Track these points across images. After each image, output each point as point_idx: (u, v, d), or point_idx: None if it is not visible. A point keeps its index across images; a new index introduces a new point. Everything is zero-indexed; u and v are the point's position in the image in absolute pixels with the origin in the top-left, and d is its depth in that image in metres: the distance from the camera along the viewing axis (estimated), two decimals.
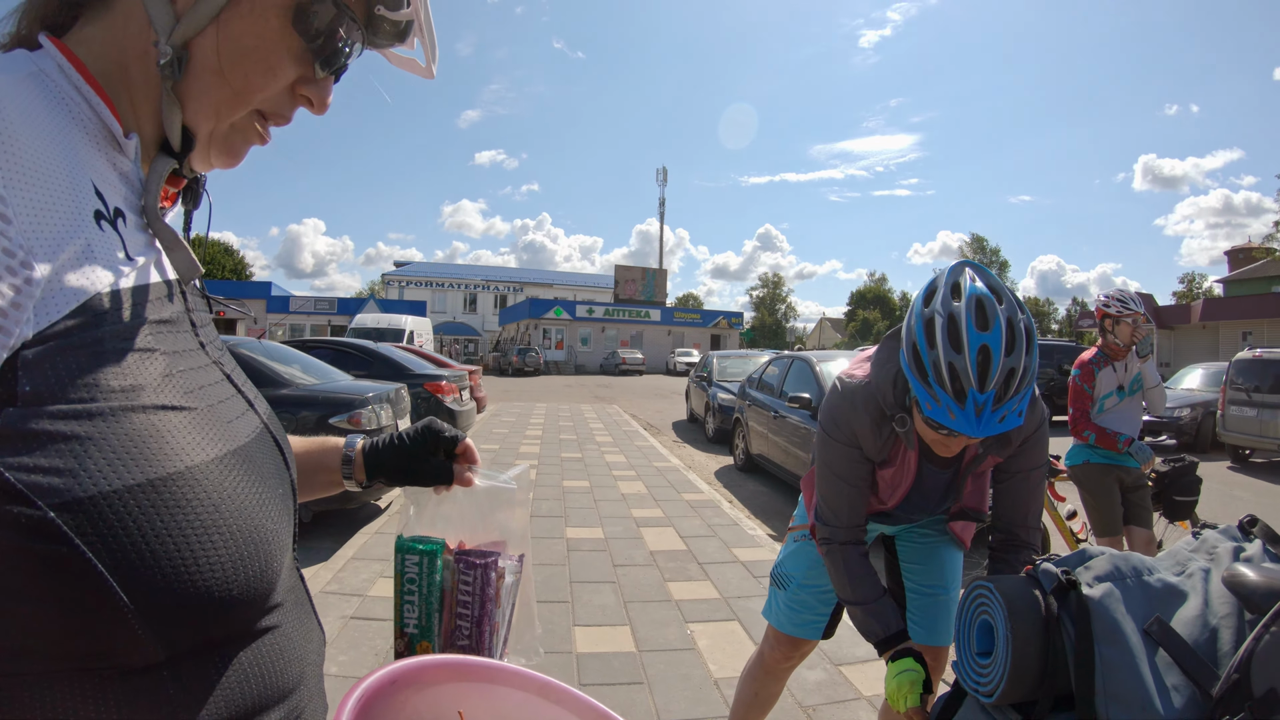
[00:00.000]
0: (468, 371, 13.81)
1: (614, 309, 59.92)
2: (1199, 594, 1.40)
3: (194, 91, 0.79)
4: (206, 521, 0.68)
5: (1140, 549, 4.84)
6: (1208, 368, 18.33)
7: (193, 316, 0.86)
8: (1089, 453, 4.99)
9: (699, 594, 5.44)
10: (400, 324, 27.90)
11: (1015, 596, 1.39)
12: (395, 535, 1.27)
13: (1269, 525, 1.58)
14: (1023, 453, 2.22)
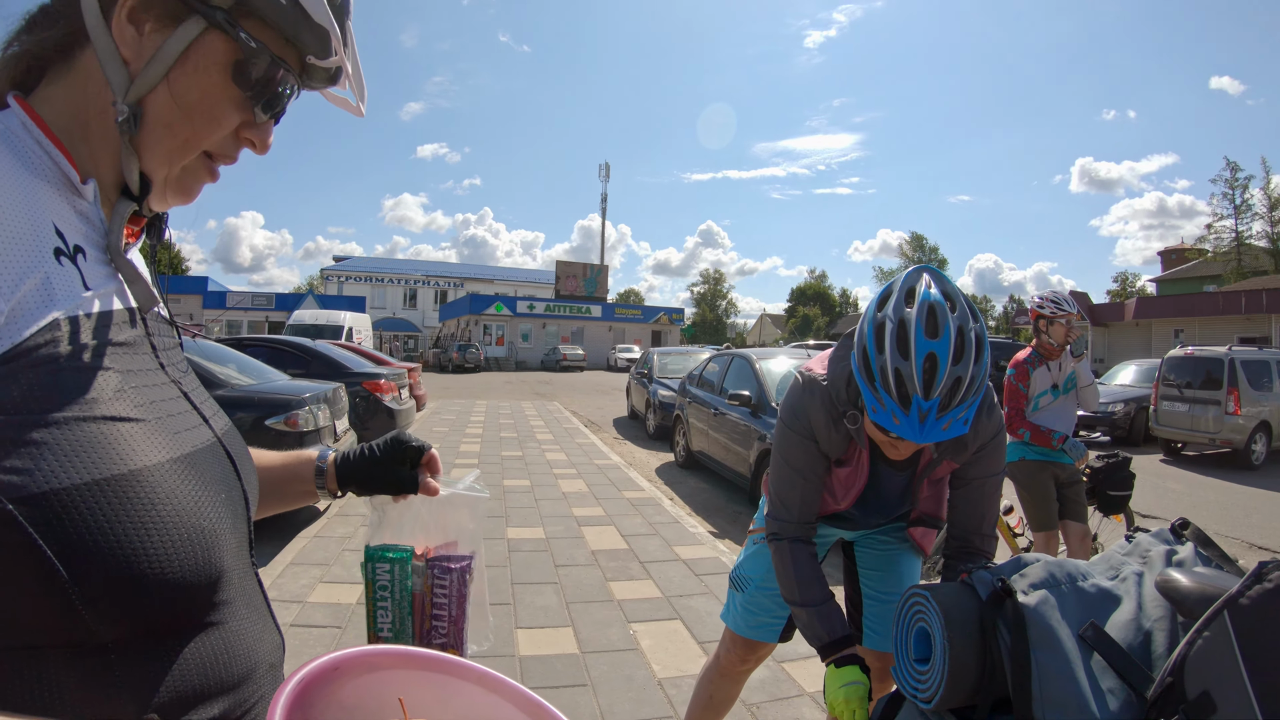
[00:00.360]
0: (407, 369, 13.59)
1: (555, 305, 59.65)
2: (1133, 598, 1.43)
3: (148, 142, 0.89)
4: (146, 517, 0.77)
5: (1075, 543, 4.97)
6: (1141, 364, 18.96)
7: (153, 340, 0.96)
8: (1024, 450, 5.09)
9: (641, 593, 5.44)
10: (339, 320, 27.42)
11: (951, 605, 1.41)
12: (363, 544, 1.37)
13: (1200, 529, 1.61)
14: (979, 460, 2.21)
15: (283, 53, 0.94)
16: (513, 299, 58.82)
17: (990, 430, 2.16)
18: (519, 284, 79.53)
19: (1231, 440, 13.52)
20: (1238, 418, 13.42)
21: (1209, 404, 13.87)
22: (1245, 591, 1.23)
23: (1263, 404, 13.80)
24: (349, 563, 5.86)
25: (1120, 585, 1.47)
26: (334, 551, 6.15)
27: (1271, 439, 13.96)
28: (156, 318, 1.00)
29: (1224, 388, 13.70)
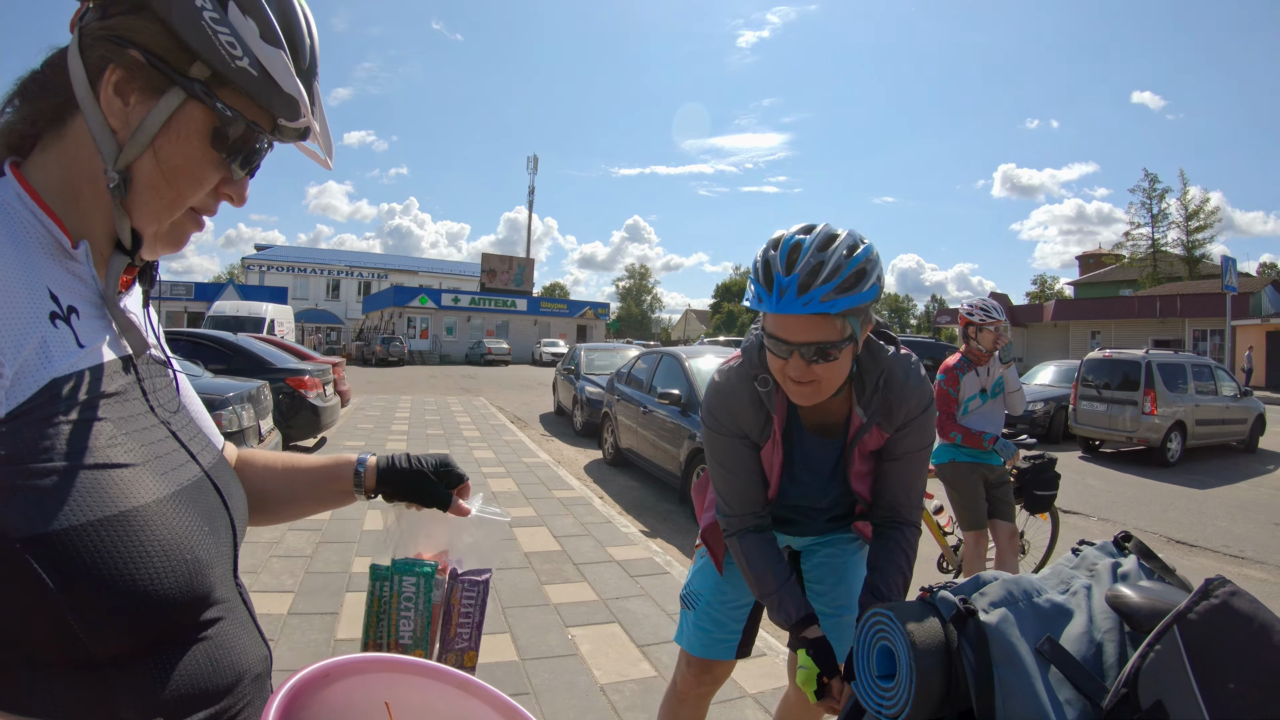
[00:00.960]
0: (331, 364, 13.35)
1: (480, 298, 59.21)
2: (1084, 611, 1.48)
3: (138, 204, 0.99)
4: (138, 551, 0.86)
5: (1004, 541, 5.12)
6: (1059, 365, 19.76)
7: (144, 385, 1.04)
8: (955, 452, 5.21)
9: (577, 596, 5.42)
10: (261, 312, 26.92)
11: (916, 626, 1.44)
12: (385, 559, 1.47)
13: (1142, 541, 1.67)
14: (908, 434, 2.22)
15: (256, 117, 1.03)
16: (437, 291, 58.19)
17: (919, 402, 2.18)
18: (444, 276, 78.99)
19: (1148, 439, 14.19)
20: (1154, 417, 14.09)
21: (1126, 404, 14.56)
22: (1193, 607, 1.29)
23: (1177, 405, 14.48)
24: (277, 570, 5.71)
25: (1071, 599, 1.51)
26: (262, 558, 6.00)
27: (1186, 438, 14.65)
28: (149, 360, 1.08)
29: (1141, 389, 14.35)
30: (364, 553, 6.21)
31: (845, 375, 2.02)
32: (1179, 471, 13.70)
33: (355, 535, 6.72)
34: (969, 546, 5.16)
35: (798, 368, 1.94)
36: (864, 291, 1.84)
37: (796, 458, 2.34)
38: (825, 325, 1.86)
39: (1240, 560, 7.86)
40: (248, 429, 7.13)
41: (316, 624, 4.62)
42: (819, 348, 1.89)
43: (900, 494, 2.27)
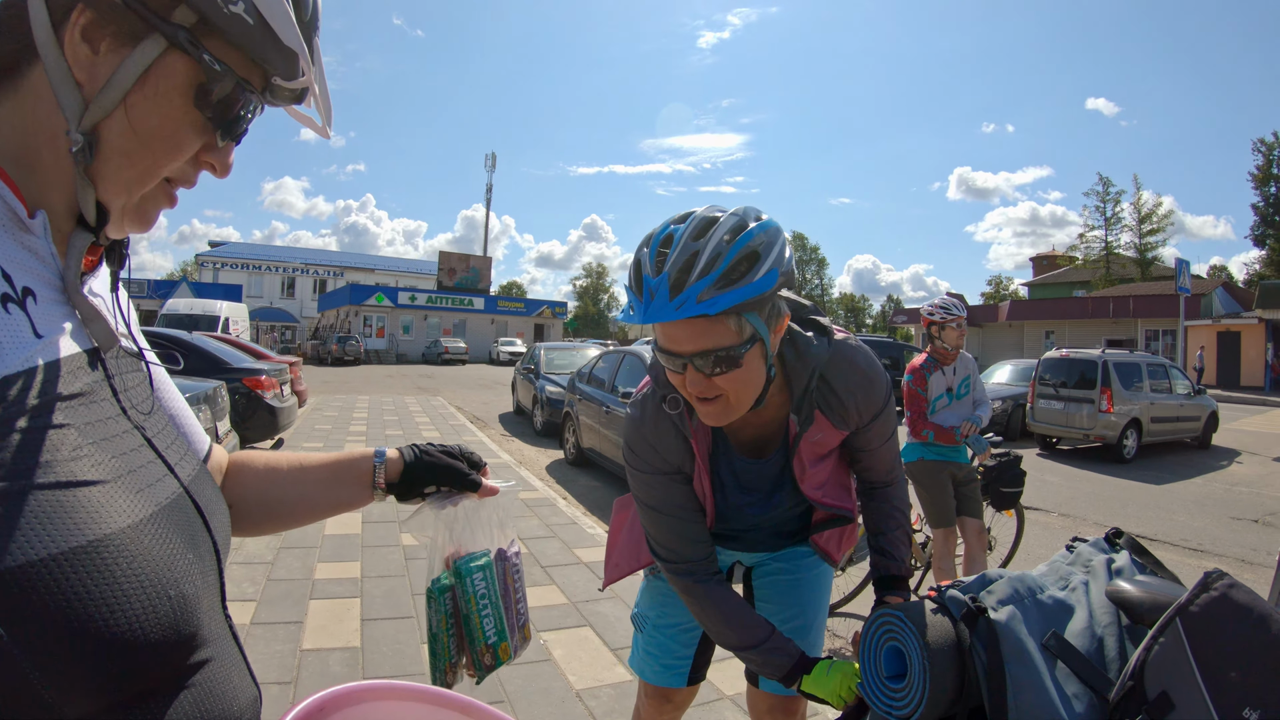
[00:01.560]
0: (288, 364, 13.10)
1: (437, 296, 58.98)
2: (1084, 607, 1.49)
3: (105, 172, 0.83)
4: (111, 590, 0.70)
5: (973, 538, 5.18)
6: (1016, 364, 20.18)
7: (114, 382, 0.88)
8: (923, 450, 5.26)
9: (546, 599, 5.38)
10: (215, 310, 26.43)
11: (929, 627, 1.43)
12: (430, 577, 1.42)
13: (1133, 536, 1.70)
14: (874, 427, 1.99)
15: (247, 73, 0.89)
16: (394, 290, 57.96)
17: (878, 392, 1.94)
18: (400, 274, 78.39)
19: (1104, 436, 14.53)
20: (1110, 415, 14.42)
21: (1083, 402, 14.88)
22: (1194, 599, 1.32)
23: (1133, 402, 14.80)
24: (237, 578, 5.57)
25: (1071, 595, 1.53)
26: None
27: (1142, 435, 15.00)
28: (119, 354, 0.93)
29: (1097, 387, 14.67)
30: (326, 558, 6.11)
31: (759, 383, 1.70)
32: (1135, 468, 13.98)
33: (317, 541, 6.59)
34: (938, 544, 5.20)
35: (696, 382, 1.63)
36: (755, 282, 1.51)
37: (726, 480, 2.07)
38: (714, 329, 1.55)
39: (1200, 553, 8.02)
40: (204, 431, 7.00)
41: (281, 634, 4.51)
42: (714, 356, 1.57)
43: (881, 471, 2.13)
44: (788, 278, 1.61)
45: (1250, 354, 36.97)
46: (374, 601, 5.09)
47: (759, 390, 1.72)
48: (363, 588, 5.39)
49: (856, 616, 5.48)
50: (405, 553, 6.38)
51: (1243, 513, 10.15)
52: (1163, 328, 38.93)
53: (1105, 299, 42.94)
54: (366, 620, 4.75)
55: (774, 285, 1.54)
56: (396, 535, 6.92)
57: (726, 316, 1.53)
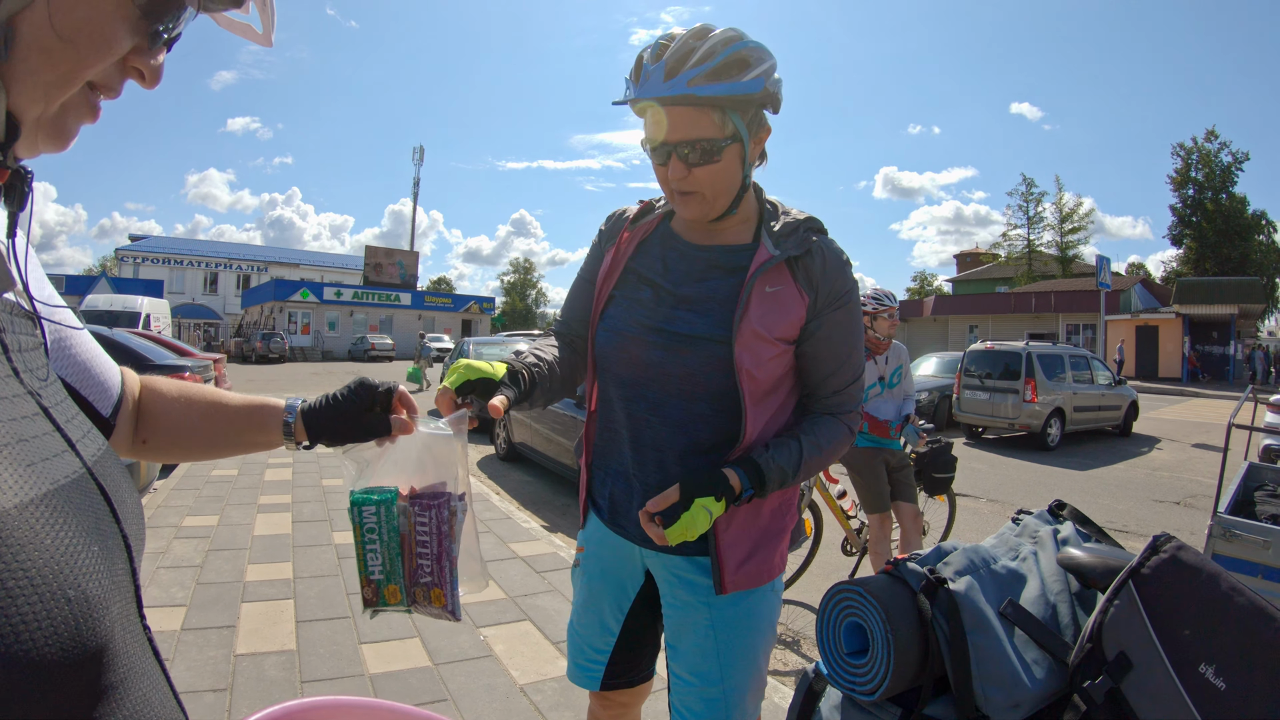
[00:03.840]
0: (212, 360, 12.71)
1: (363, 292, 57.88)
2: (1035, 575, 1.51)
3: (21, 74, 0.70)
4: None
5: (908, 522, 5.27)
6: (941, 356, 20.75)
7: (4, 339, 0.76)
8: (857, 437, 5.28)
9: (484, 595, 5.25)
10: (135, 306, 25.74)
11: (889, 600, 1.43)
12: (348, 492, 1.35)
13: (1076, 508, 1.73)
14: (832, 321, 1.82)
15: None
16: (319, 285, 56.85)
17: (844, 283, 1.83)
18: (326, 269, 76.78)
19: (1029, 425, 15.01)
20: (1034, 405, 14.87)
21: (1008, 393, 15.32)
22: (1145, 562, 1.35)
23: (1056, 393, 15.25)
24: (165, 582, 5.41)
25: (1022, 565, 1.55)
26: (149, 570, 5.61)
27: (1065, 423, 15.47)
28: (10, 308, 0.81)
29: (1022, 378, 15.09)
30: (256, 560, 5.96)
31: (734, 185, 1.76)
32: (1059, 455, 14.41)
33: (246, 542, 6.43)
34: (873, 529, 5.27)
35: (677, 170, 1.71)
36: (742, 81, 1.61)
37: (655, 260, 1.94)
38: (700, 119, 1.64)
39: (1125, 534, 8.24)
40: None
41: (214, 639, 4.37)
42: (698, 146, 1.66)
43: (825, 391, 1.87)
44: (773, 96, 1.70)
45: (1168, 347, 38.36)
46: (308, 603, 4.97)
47: (734, 193, 1.79)
48: (296, 589, 5.26)
49: (795, 603, 5.49)
50: (338, 552, 6.23)
51: (1164, 495, 10.51)
52: (1083, 322, 39.98)
53: (1027, 294, 43.90)
54: (301, 622, 4.63)
55: (759, 90, 1.64)
56: (328, 534, 6.76)
57: (712, 109, 1.63)
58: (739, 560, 1.81)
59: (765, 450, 1.73)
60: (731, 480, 1.66)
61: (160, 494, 8.10)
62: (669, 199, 1.83)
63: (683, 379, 1.82)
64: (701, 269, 1.89)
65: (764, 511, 1.87)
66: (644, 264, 1.95)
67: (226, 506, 7.64)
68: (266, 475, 9.32)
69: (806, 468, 1.77)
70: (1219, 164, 51.98)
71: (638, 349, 1.86)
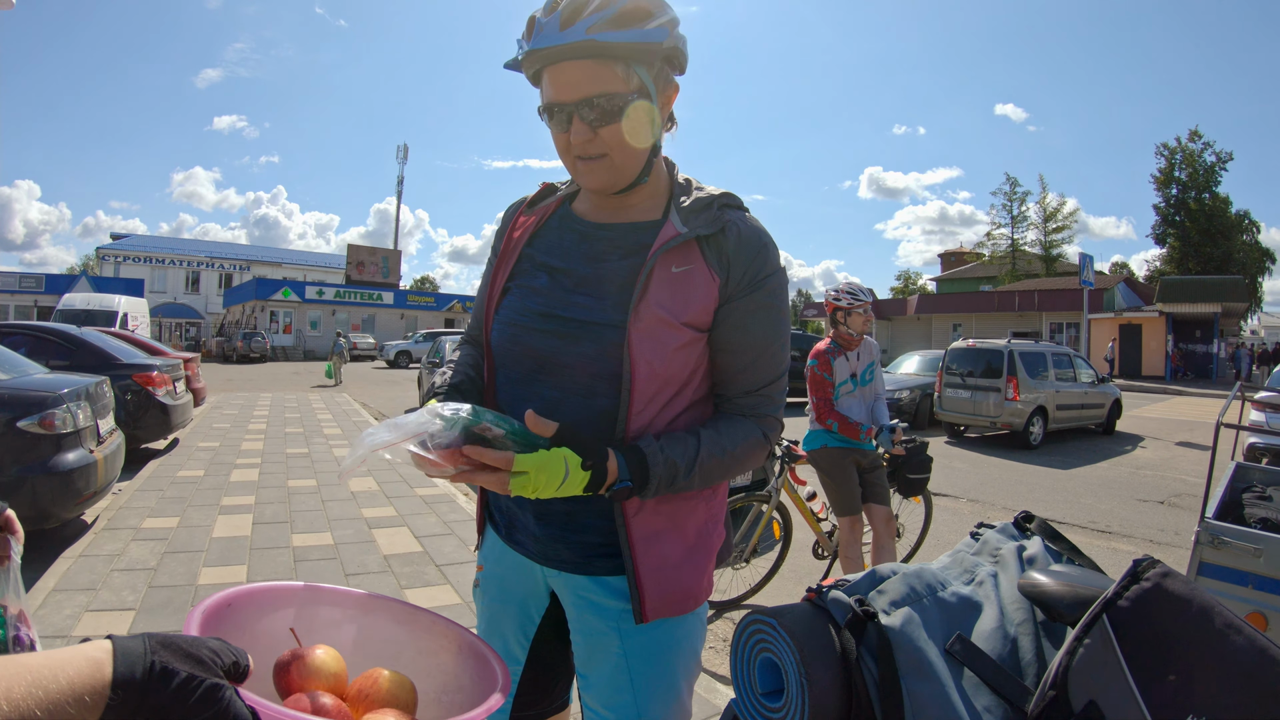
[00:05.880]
0: (183, 360, 12.52)
1: (346, 291, 57.46)
2: (993, 603, 1.27)
3: None
4: None
5: (880, 525, 5.03)
6: (924, 354, 20.42)
7: None
8: (827, 437, 5.10)
9: (440, 599, 5.10)
10: (113, 305, 25.56)
11: (805, 636, 1.17)
12: None
13: (1045, 520, 1.49)
14: (746, 305, 1.60)
15: None
16: (301, 284, 56.26)
17: (767, 257, 1.62)
18: (309, 268, 76.03)
19: (1011, 423, 14.76)
20: (1017, 403, 14.65)
21: (990, 391, 15.09)
22: (1123, 593, 1.11)
23: (1038, 391, 15.05)
24: (117, 585, 5.21)
25: (978, 590, 1.31)
26: (102, 573, 5.48)
27: (1048, 422, 15.27)
28: None
29: (1004, 376, 14.88)
30: (211, 563, 5.78)
31: (643, 149, 1.56)
32: (1042, 454, 14.20)
33: (204, 544, 6.25)
34: (844, 532, 5.04)
35: (580, 133, 1.51)
36: (646, 29, 1.45)
37: (553, 244, 1.75)
38: (602, 72, 1.46)
39: (1108, 534, 8.08)
40: (84, 429, 6.49)
41: None
42: (601, 103, 1.48)
43: (734, 374, 1.64)
44: (678, 52, 1.57)
45: (1151, 345, 38.39)
46: None
47: (644, 158, 1.60)
48: None
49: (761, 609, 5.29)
50: (294, 554, 6.05)
51: (1148, 495, 10.31)
52: (1066, 320, 40.10)
53: (1011, 293, 43.98)
54: None
55: (664, 40, 1.49)
56: (288, 536, 6.57)
57: (615, 62, 1.47)
58: (662, 585, 1.60)
59: (655, 440, 1.51)
60: (609, 464, 1.43)
61: (123, 495, 7.95)
62: (571, 171, 1.63)
63: (579, 370, 1.59)
64: (602, 249, 1.68)
65: (689, 529, 1.66)
66: (541, 249, 1.76)
67: (188, 508, 7.48)
68: (232, 476, 9.14)
69: (704, 471, 1.54)
70: (1202, 164, 52.32)
71: (530, 339, 1.65)
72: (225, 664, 0.80)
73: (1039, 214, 58.58)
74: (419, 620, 1.23)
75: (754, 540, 5.43)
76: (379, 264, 62.55)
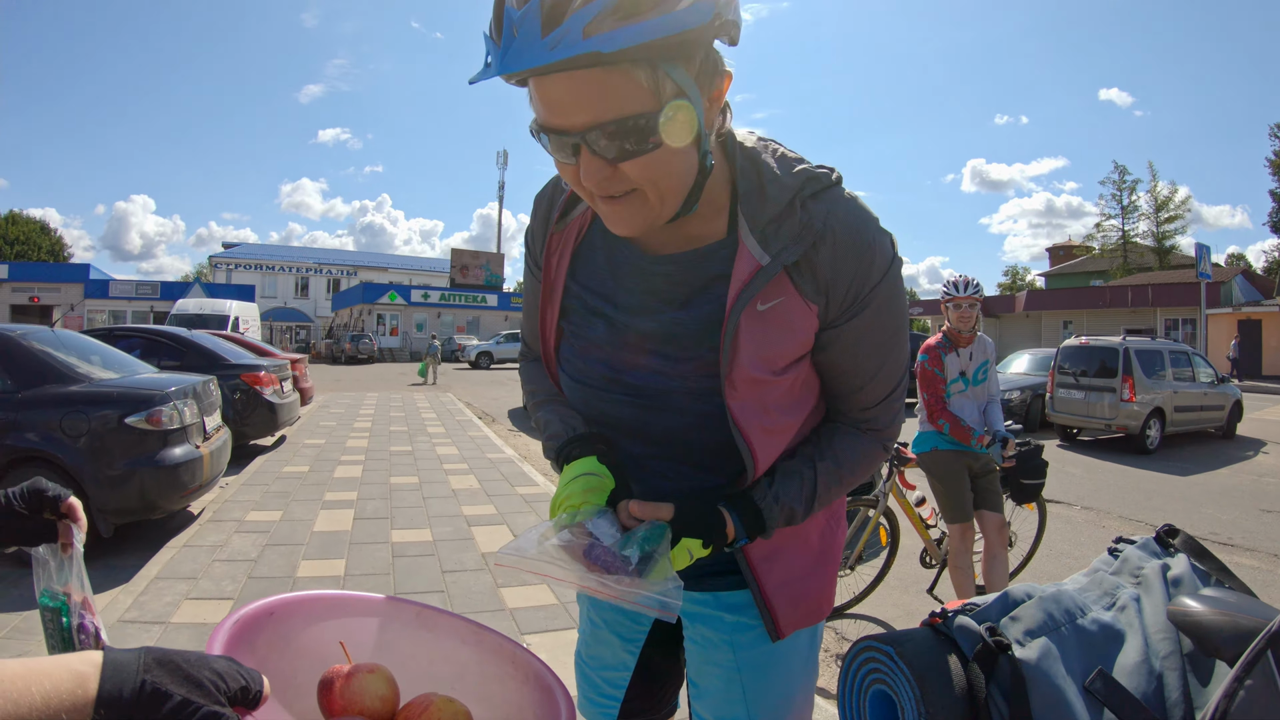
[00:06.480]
0: (290, 360, 12.91)
1: (450, 294, 58.65)
2: (1137, 632, 1.11)
3: None
4: None
5: (993, 534, 4.77)
6: (1034, 353, 19.45)
7: None
8: (937, 439, 4.86)
9: (535, 600, 5.05)
10: (224, 309, 26.46)
11: (926, 669, 1.02)
12: None
13: (1190, 536, 1.31)
14: (855, 326, 1.31)
15: None
16: (407, 288, 57.79)
17: (869, 271, 1.28)
18: (414, 273, 78.13)
19: (1127, 426, 13.99)
20: (1133, 404, 13.88)
21: (1104, 391, 14.33)
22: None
23: (1156, 391, 14.27)
24: (218, 575, 5.34)
25: (1120, 616, 1.14)
26: (204, 563, 5.63)
27: (1165, 424, 14.46)
28: None
29: (1119, 375, 14.14)
30: (311, 555, 5.89)
31: (688, 174, 1.16)
32: (1159, 459, 13.46)
33: (304, 538, 6.38)
34: (954, 540, 4.81)
35: (595, 173, 1.10)
36: (675, 11, 0.97)
37: (599, 274, 1.43)
38: (617, 86, 1.01)
39: (1230, 548, 7.58)
40: (190, 426, 6.66)
41: None
42: (619, 130, 1.04)
43: (848, 393, 1.42)
44: (728, 24, 1.08)
45: (1272, 342, 36.37)
46: None
47: (688, 185, 1.19)
48: (343, 586, 5.12)
49: (868, 618, 5.10)
50: (393, 550, 6.11)
51: (1273, 504, 9.68)
52: (1182, 316, 38.44)
53: (1123, 288, 42.40)
54: None
55: (708, 20, 1.01)
56: (387, 532, 6.64)
57: (634, 66, 1.01)
58: (792, 600, 1.45)
59: (769, 486, 1.32)
60: (727, 528, 1.28)
61: (229, 489, 8.18)
62: (591, 205, 1.24)
63: (675, 442, 1.39)
64: (661, 289, 1.36)
65: (811, 536, 1.50)
66: (587, 285, 1.44)
67: (291, 502, 7.66)
68: (336, 472, 9.33)
69: (821, 502, 1.37)
70: None
71: (606, 406, 1.44)
72: (231, 689, 0.73)
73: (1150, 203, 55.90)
74: (485, 641, 1.13)
75: (859, 547, 5.22)
76: (482, 267, 63.38)
